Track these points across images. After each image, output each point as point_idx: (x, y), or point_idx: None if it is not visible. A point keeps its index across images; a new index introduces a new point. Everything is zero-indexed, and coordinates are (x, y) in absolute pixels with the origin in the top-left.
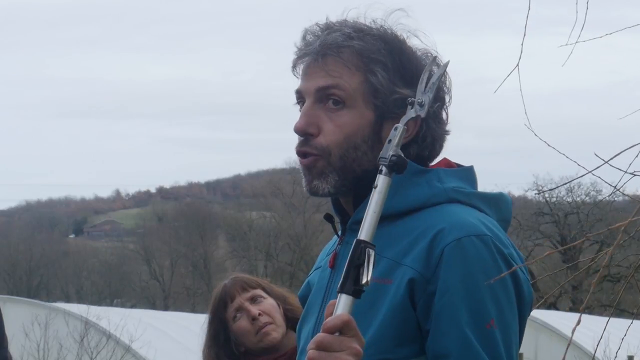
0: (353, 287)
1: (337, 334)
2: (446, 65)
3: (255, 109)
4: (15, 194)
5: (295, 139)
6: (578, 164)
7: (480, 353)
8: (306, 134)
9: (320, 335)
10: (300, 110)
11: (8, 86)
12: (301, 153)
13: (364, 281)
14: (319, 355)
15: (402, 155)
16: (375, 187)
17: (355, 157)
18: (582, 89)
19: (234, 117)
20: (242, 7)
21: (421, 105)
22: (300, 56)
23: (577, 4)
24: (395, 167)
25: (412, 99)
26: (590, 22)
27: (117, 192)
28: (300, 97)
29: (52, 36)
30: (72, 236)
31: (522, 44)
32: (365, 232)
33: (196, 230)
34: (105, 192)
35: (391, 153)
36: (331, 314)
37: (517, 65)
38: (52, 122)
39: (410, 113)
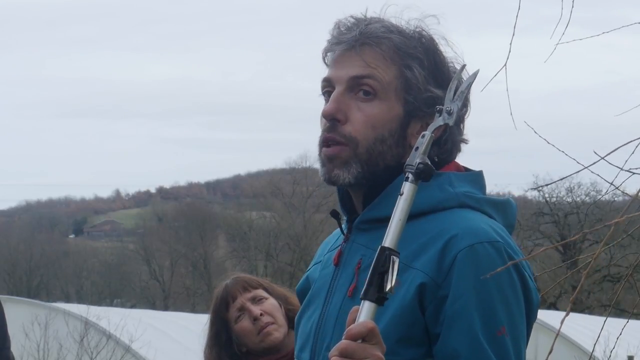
0: (377, 294)
1: (359, 340)
2: (476, 74)
3: (254, 109)
4: (15, 194)
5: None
6: (577, 162)
7: (492, 359)
8: (334, 119)
9: (343, 342)
10: (325, 100)
11: (7, 86)
12: (327, 140)
13: (387, 288)
14: None
15: (429, 163)
16: (401, 195)
17: (381, 151)
18: (581, 88)
19: (233, 117)
20: (241, 7)
21: (449, 113)
22: (335, 43)
23: (562, 2)
24: (422, 175)
25: (441, 106)
26: (589, 20)
27: (117, 192)
28: (329, 85)
29: (50, 36)
30: (72, 236)
31: (510, 44)
32: (390, 239)
33: (196, 230)
34: (105, 192)
35: (418, 161)
36: (354, 320)
37: (505, 65)
38: (51, 122)
39: (439, 121)
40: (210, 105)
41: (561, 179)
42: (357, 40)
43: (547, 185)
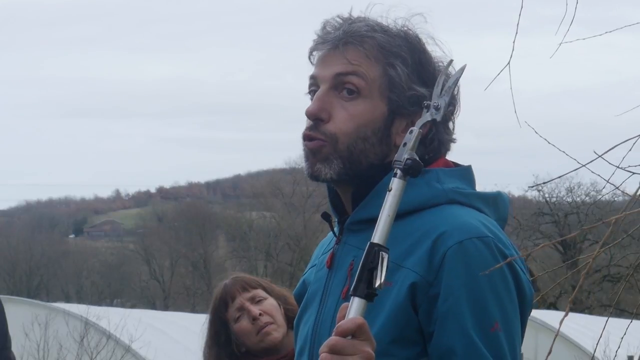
0: (366, 290)
1: (349, 337)
2: (463, 69)
3: (254, 109)
4: (15, 194)
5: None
6: (577, 162)
7: (487, 356)
8: (317, 118)
9: (333, 338)
10: (311, 99)
11: (6, 86)
12: (307, 137)
13: (377, 284)
14: (332, 358)
15: (417, 159)
16: (389, 191)
17: (363, 149)
18: (581, 88)
19: (233, 116)
20: (240, 7)
21: (437, 108)
22: (320, 43)
23: (567, 1)
24: (410, 171)
25: (428, 102)
26: (589, 20)
27: (117, 192)
28: (314, 83)
29: (49, 36)
30: (72, 236)
31: (513, 42)
32: (379, 235)
33: (196, 230)
34: (105, 192)
35: (406, 156)
36: (344, 317)
37: (508, 63)
38: (51, 122)
39: (426, 116)
40: (210, 105)
41: (560, 177)
42: (340, 39)
43: (545, 183)
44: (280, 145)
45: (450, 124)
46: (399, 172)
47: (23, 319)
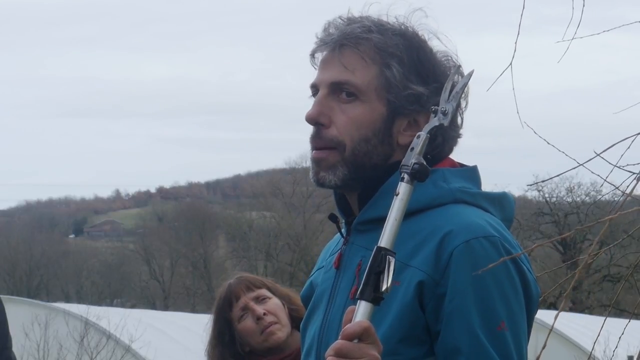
0: (373, 294)
1: (356, 340)
2: (470, 74)
3: (254, 109)
4: (15, 194)
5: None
6: (577, 161)
7: (493, 355)
8: (317, 123)
9: (339, 342)
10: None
11: (6, 86)
12: (314, 145)
13: (383, 288)
14: None
15: (425, 163)
16: (397, 195)
17: (367, 151)
18: (581, 88)
19: (233, 116)
20: (240, 7)
21: (444, 113)
22: (319, 46)
23: (573, 1)
24: (418, 175)
25: (436, 107)
26: (588, 20)
27: (117, 192)
28: (316, 90)
29: (49, 35)
30: (72, 236)
31: (515, 43)
32: (385, 239)
33: (196, 230)
34: (105, 192)
35: (413, 161)
36: (350, 320)
37: (511, 64)
38: (51, 122)
39: (434, 121)
40: (210, 105)
41: (558, 175)
42: (336, 42)
43: (544, 181)
44: (280, 145)
45: (459, 119)
46: (406, 176)
47: (23, 319)
